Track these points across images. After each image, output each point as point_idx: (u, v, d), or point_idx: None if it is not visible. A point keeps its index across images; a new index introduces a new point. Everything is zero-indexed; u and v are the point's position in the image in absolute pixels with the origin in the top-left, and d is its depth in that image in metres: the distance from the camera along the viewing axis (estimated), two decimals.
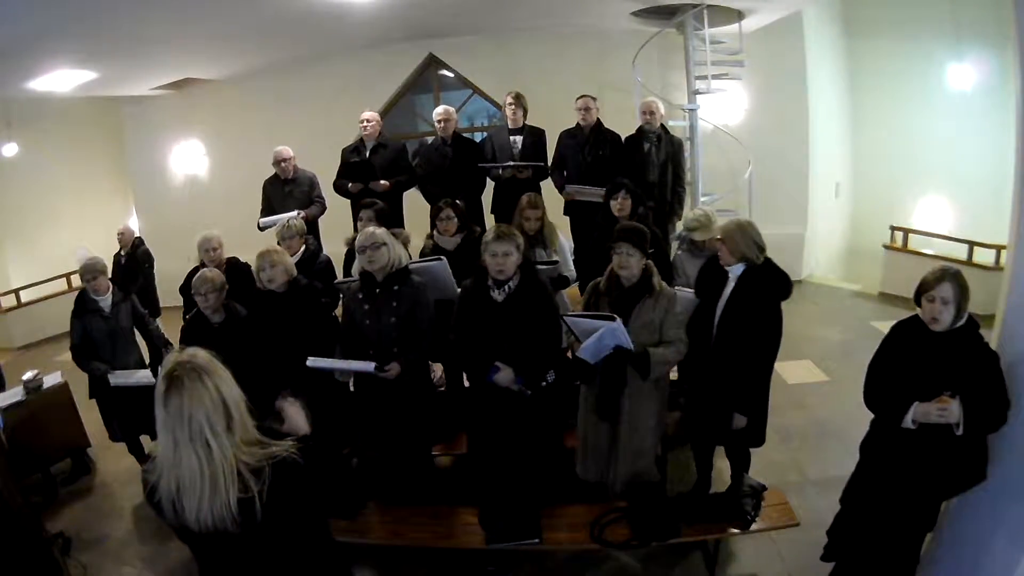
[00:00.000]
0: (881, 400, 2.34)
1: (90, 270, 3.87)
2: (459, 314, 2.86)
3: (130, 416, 3.87)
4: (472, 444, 3.10)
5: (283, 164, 4.88)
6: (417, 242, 3.97)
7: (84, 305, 3.88)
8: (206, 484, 1.39)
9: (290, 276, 3.19)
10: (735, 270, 2.79)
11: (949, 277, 2.15)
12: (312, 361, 2.87)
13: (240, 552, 1.51)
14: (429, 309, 3.03)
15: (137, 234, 5.64)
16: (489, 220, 5.01)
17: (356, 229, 3.97)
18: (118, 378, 3.78)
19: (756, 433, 2.95)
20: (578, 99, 4.76)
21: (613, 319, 2.61)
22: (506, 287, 2.75)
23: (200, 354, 1.49)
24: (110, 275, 4.10)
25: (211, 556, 1.58)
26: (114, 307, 3.91)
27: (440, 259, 3.46)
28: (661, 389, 2.95)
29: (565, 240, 4.10)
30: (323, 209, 4.99)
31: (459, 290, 3.42)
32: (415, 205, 5.06)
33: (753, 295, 2.75)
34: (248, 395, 1.52)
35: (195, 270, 3.73)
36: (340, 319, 3.28)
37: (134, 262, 5.40)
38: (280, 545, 1.54)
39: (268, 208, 4.93)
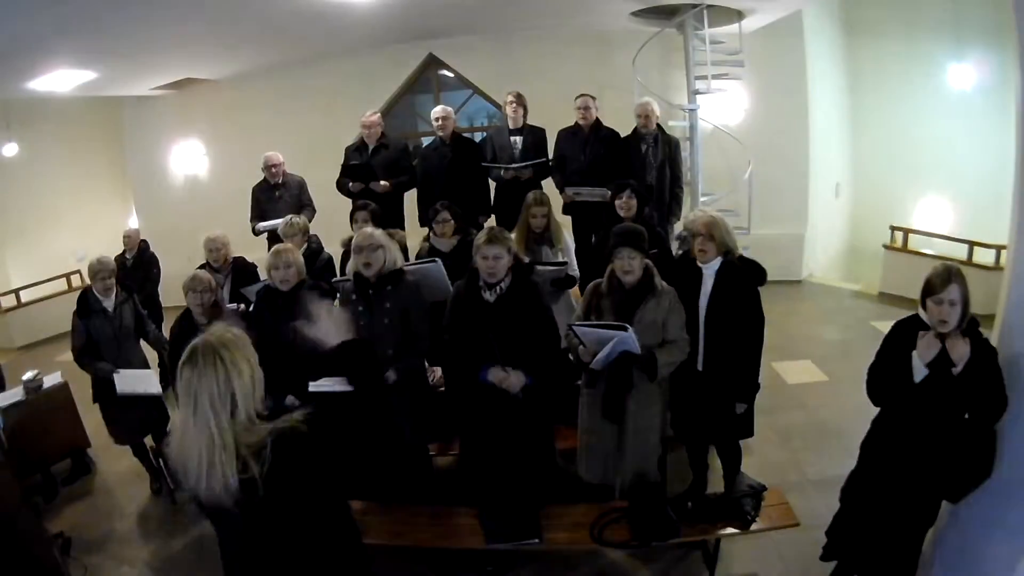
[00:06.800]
0: (885, 395, 2.35)
1: (105, 268, 3.79)
2: (451, 315, 2.87)
3: (132, 420, 3.83)
4: (464, 445, 3.11)
5: (273, 169, 4.96)
6: (414, 243, 3.97)
7: (87, 305, 3.77)
8: (204, 461, 1.43)
9: (301, 277, 3.11)
10: (712, 267, 2.84)
11: (955, 278, 2.15)
12: (314, 386, 2.80)
13: (244, 528, 1.53)
14: (424, 309, 3.02)
15: (143, 237, 5.62)
16: (490, 221, 5.01)
17: (353, 230, 3.97)
18: (124, 386, 3.67)
19: (748, 423, 3.04)
20: (577, 98, 4.77)
21: (624, 328, 2.60)
22: (497, 288, 2.76)
23: (230, 332, 1.52)
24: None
25: (221, 528, 1.61)
26: (117, 308, 3.83)
27: (435, 261, 3.45)
28: (664, 389, 2.95)
29: (570, 238, 4.10)
30: (313, 213, 5.01)
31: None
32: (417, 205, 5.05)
33: (736, 287, 2.82)
34: None
35: (203, 268, 3.74)
36: None
37: (140, 265, 5.39)
38: (287, 520, 1.54)
39: (258, 213, 4.96)
